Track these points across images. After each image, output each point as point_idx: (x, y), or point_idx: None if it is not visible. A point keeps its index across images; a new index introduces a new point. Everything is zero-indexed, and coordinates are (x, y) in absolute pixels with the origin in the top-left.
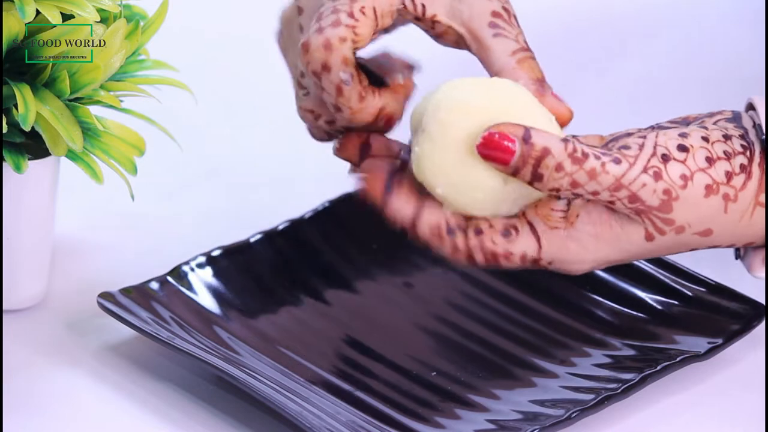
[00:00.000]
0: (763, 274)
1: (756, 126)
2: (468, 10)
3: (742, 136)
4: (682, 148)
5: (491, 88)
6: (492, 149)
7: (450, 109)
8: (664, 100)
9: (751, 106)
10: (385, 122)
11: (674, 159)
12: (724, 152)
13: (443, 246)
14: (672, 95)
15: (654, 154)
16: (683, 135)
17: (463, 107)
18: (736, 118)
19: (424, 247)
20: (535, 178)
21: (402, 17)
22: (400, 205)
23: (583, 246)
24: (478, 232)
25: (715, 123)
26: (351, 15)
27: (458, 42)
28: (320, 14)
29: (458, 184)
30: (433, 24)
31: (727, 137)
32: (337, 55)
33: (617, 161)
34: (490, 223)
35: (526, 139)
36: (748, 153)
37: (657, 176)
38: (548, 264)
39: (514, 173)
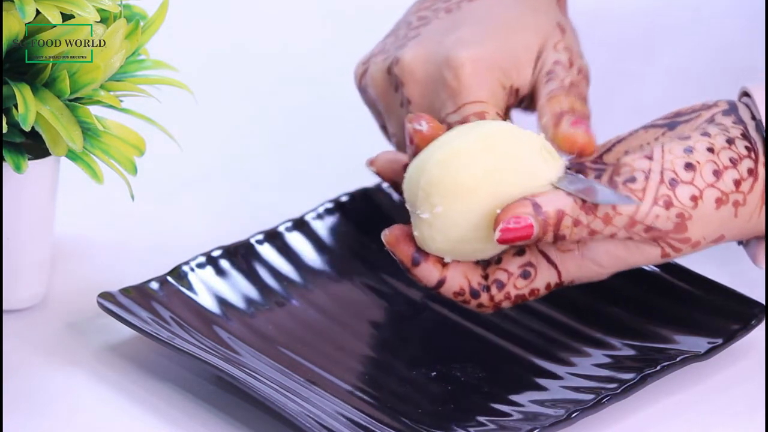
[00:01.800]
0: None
1: (756, 120)
2: (540, 65)
3: (744, 136)
4: (689, 167)
5: (481, 151)
6: (511, 237)
7: (441, 195)
8: (664, 99)
9: (745, 93)
10: None
11: (682, 182)
12: (730, 159)
13: (470, 306)
14: (671, 95)
15: (662, 181)
16: (688, 150)
17: (454, 189)
18: (732, 109)
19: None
20: (558, 239)
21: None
22: (426, 273)
23: (598, 262)
24: (501, 286)
25: (712, 121)
26: None
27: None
28: None
29: (466, 254)
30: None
31: (730, 141)
32: None
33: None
34: (506, 270)
35: (537, 211)
36: (752, 154)
37: (668, 204)
38: (570, 283)
39: (537, 241)
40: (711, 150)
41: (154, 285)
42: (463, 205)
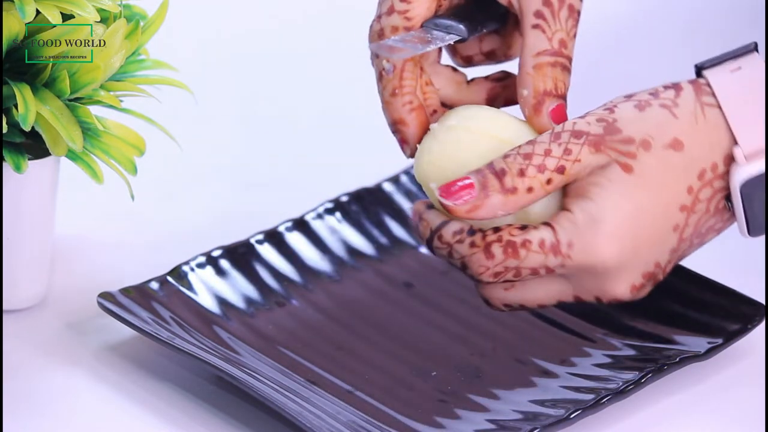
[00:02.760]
0: (746, 174)
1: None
2: None
3: (668, 83)
4: (601, 104)
5: (498, 121)
6: (454, 193)
7: (458, 117)
8: None
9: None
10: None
11: (595, 108)
12: (647, 90)
13: (462, 246)
14: None
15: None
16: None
17: (470, 117)
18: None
19: (444, 258)
20: (500, 175)
21: None
22: (433, 216)
23: (585, 212)
24: (496, 229)
25: None
26: None
27: (515, 15)
28: None
29: (451, 172)
30: None
31: (652, 87)
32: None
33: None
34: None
35: (473, 171)
36: (671, 82)
37: (582, 116)
38: (569, 248)
39: (484, 188)
40: (626, 93)
41: (154, 285)
42: (467, 133)
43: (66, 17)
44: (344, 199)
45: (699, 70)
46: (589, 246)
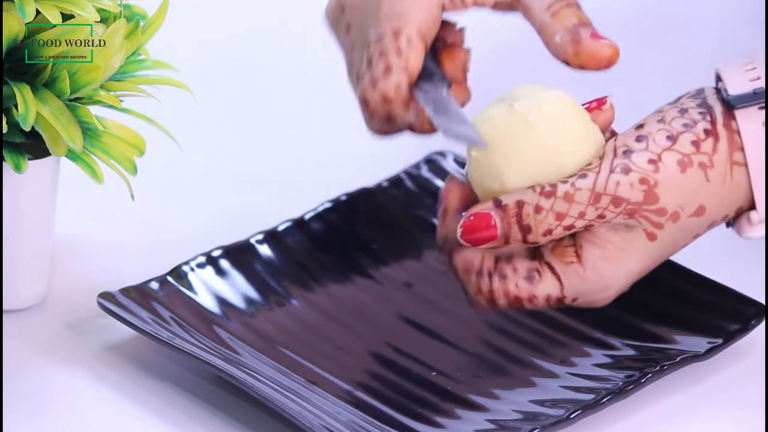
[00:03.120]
0: (752, 234)
1: (716, 89)
2: None
3: (699, 105)
4: (641, 138)
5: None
6: (475, 230)
7: (529, 102)
8: (660, 97)
9: (719, 78)
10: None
11: (636, 150)
12: (684, 125)
13: (469, 283)
14: (668, 93)
15: (615, 155)
16: (638, 126)
17: (542, 102)
18: (698, 92)
19: (457, 278)
20: (525, 231)
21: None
22: (455, 224)
23: (597, 272)
24: (503, 276)
25: (674, 103)
26: (399, 52)
27: (513, 5)
28: (370, 59)
29: (493, 153)
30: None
31: (683, 111)
32: (398, 104)
33: (583, 176)
34: (515, 267)
35: (497, 204)
36: (708, 117)
37: (626, 170)
38: (573, 301)
39: (507, 240)
40: (662, 121)
41: (154, 285)
42: (533, 117)
43: (66, 17)
44: (344, 199)
45: (730, 105)
46: (593, 302)
